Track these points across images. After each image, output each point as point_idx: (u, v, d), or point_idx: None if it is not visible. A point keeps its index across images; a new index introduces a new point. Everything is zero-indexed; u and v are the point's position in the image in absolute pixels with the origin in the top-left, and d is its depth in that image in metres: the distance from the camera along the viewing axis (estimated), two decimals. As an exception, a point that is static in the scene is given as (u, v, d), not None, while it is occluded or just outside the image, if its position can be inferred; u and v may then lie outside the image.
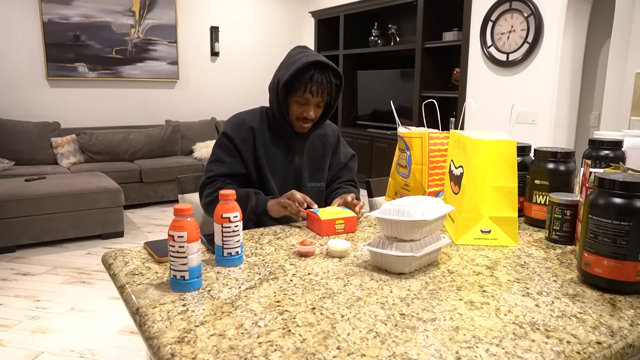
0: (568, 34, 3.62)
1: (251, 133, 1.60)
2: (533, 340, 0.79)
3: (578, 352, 0.76)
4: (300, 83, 1.51)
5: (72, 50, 5.09)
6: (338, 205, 1.53)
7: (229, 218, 1.07)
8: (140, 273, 1.07)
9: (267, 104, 1.70)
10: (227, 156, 1.60)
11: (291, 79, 1.52)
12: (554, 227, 1.30)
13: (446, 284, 1.02)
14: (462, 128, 3.97)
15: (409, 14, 5.34)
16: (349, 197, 1.53)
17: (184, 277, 0.96)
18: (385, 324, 0.84)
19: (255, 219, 1.56)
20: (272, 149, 1.62)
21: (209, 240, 1.22)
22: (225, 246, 1.09)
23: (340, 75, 1.58)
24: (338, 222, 1.39)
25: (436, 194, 1.57)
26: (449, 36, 4.53)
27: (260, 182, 1.62)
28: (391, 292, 0.98)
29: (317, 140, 1.72)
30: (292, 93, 1.54)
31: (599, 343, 0.79)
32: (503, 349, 0.77)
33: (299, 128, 1.60)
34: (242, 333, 0.81)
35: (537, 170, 1.44)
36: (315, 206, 1.47)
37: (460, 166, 1.36)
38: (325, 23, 6.16)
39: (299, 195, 1.45)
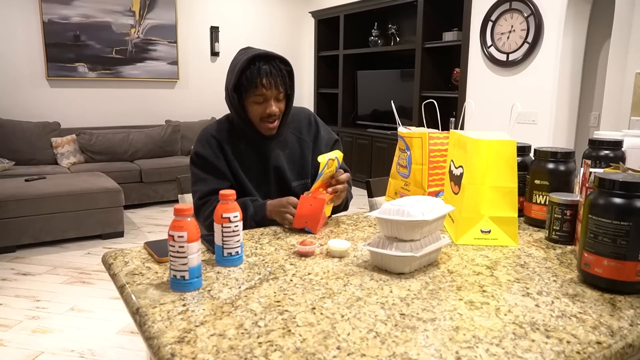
0: (568, 34, 3.62)
1: (220, 148, 1.54)
2: (533, 340, 0.79)
3: (578, 352, 0.76)
4: (249, 81, 1.44)
5: (72, 50, 5.09)
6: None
7: (229, 218, 1.07)
8: (140, 273, 1.07)
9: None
10: (207, 174, 1.53)
11: (239, 81, 1.45)
12: (554, 227, 1.30)
13: (446, 284, 1.02)
14: (462, 128, 3.97)
15: (409, 14, 5.34)
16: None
17: (184, 277, 0.96)
18: (385, 324, 0.84)
19: (257, 225, 1.51)
20: (246, 159, 1.55)
21: (209, 240, 1.22)
22: (225, 246, 1.09)
23: (287, 62, 1.50)
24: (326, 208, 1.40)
25: (436, 194, 1.57)
26: (449, 36, 4.53)
27: (244, 194, 1.56)
28: (391, 292, 0.98)
29: (291, 137, 1.63)
30: (245, 94, 1.47)
31: (599, 343, 0.79)
32: (503, 349, 0.77)
33: (265, 130, 1.53)
34: (242, 333, 0.81)
35: (537, 170, 1.44)
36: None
37: (460, 166, 1.36)
38: (325, 23, 6.15)
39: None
